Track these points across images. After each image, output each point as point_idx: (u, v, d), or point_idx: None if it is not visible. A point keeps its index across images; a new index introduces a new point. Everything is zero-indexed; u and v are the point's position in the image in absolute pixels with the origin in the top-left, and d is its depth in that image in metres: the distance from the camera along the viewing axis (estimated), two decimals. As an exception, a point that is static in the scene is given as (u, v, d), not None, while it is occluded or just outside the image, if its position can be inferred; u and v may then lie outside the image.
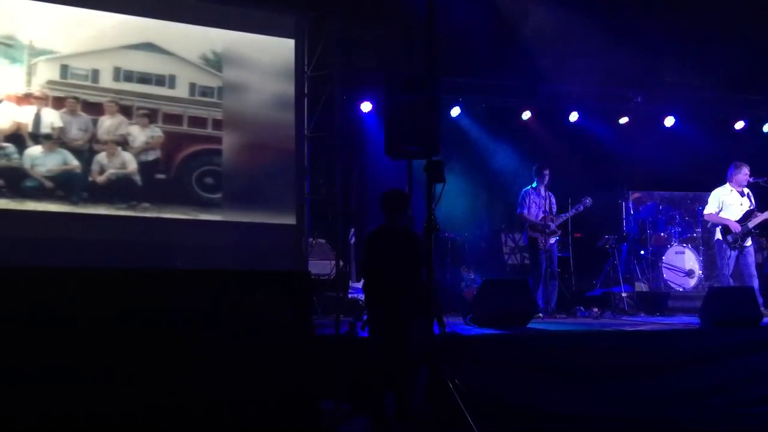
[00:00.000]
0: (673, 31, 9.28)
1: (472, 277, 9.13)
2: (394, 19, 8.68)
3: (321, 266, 7.88)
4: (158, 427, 3.40)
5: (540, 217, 8.04)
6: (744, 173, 7.57)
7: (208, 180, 7.58)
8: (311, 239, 8.17)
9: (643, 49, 9.33)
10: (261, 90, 7.91)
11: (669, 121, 10.53)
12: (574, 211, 8.19)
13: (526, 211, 8.08)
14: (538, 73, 9.20)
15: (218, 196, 7.61)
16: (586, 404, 5.41)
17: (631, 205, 9.81)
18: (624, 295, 8.56)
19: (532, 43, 8.78)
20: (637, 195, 9.98)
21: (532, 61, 8.92)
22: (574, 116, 10.26)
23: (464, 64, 8.99)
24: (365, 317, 5.43)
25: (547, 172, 8.13)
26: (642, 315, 8.17)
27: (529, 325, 6.37)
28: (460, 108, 9.84)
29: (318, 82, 8.27)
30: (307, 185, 8.11)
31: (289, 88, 8.01)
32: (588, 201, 8.19)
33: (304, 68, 8.16)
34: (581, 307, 8.29)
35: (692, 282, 9.19)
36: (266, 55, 7.92)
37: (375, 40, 8.71)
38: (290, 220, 7.84)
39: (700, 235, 9.61)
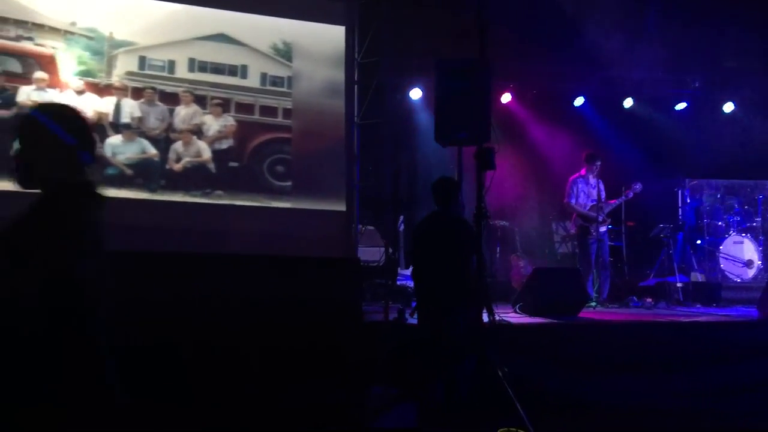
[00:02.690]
0: (732, 15, 8.97)
1: (522, 265, 9.05)
2: (444, 4, 8.61)
3: (370, 253, 7.91)
4: (207, 405, 3.50)
5: (588, 206, 7.90)
6: None
7: (279, 168, 7.72)
8: (361, 226, 8.21)
9: (701, 34, 9.05)
10: (314, 78, 7.99)
11: (728, 107, 10.22)
12: (623, 197, 8.04)
13: (573, 200, 7.96)
14: (592, 58, 9.01)
15: (288, 184, 7.75)
16: (637, 396, 5.31)
17: (687, 193, 9.57)
18: (679, 285, 8.37)
19: (587, 27, 8.60)
20: (694, 183, 9.72)
21: (586, 46, 8.74)
22: (628, 102, 10.06)
23: (516, 50, 8.86)
24: (414, 304, 5.44)
25: (599, 162, 7.99)
26: (698, 306, 7.99)
27: (580, 315, 6.29)
28: (511, 94, 9.73)
29: (368, 69, 8.27)
30: (357, 172, 8.14)
31: (339, 75, 8.05)
32: (637, 187, 8.02)
33: (355, 55, 8.17)
34: (634, 297, 8.15)
35: (751, 272, 8.93)
36: (319, 43, 8.00)
37: (425, 26, 8.65)
38: (340, 206, 7.90)
39: (759, 224, 9.32)
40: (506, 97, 9.72)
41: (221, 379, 3.53)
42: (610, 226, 8.13)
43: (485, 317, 4.68)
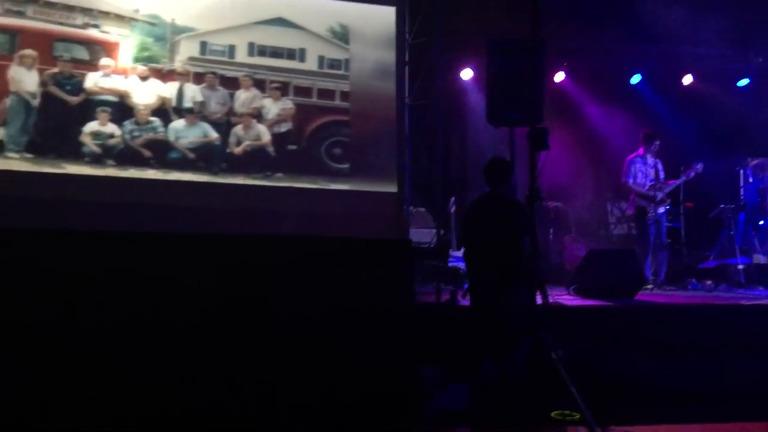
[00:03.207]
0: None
1: (576, 247, 8.92)
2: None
3: (422, 234, 7.91)
4: (264, 387, 3.56)
5: (647, 186, 7.72)
6: None
7: (336, 150, 7.79)
8: (412, 207, 8.21)
9: (764, 6, 8.69)
10: (369, 60, 8.02)
11: (794, 83, 9.83)
12: (684, 177, 7.83)
13: (631, 180, 7.79)
14: (649, 33, 8.75)
15: (345, 166, 7.82)
16: (695, 380, 5.20)
17: (750, 172, 9.24)
18: (740, 267, 8.13)
19: (643, 1, 8.35)
20: (756, 161, 9.38)
21: (643, 21, 8.49)
22: (688, 79, 9.76)
23: (570, 27, 8.66)
24: (466, 285, 5.42)
25: (657, 141, 7.79)
26: (760, 288, 7.75)
27: (637, 298, 6.17)
28: (565, 73, 9.55)
29: (418, 49, 8.21)
30: (408, 154, 8.12)
31: (390, 56, 8.03)
32: (699, 166, 7.80)
33: (405, 36, 8.12)
34: (693, 280, 7.97)
35: (817, 254, 8.61)
36: (374, 25, 8.00)
37: (476, 5, 8.53)
38: (392, 188, 7.91)
39: (826, 204, 8.96)
40: (560, 76, 9.54)
41: (275, 358, 3.59)
42: (668, 207, 7.93)
43: (539, 299, 4.63)
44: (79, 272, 3.38)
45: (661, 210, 7.78)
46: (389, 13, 8.12)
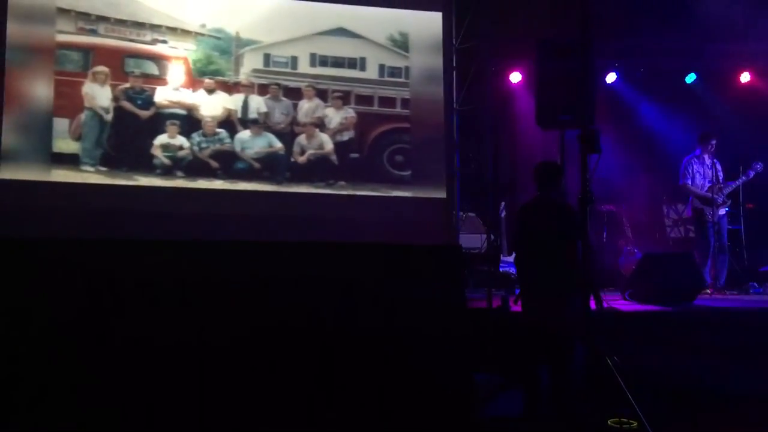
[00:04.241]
0: None
1: (631, 250, 8.74)
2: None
3: (472, 240, 7.86)
4: (313, 395, 3.60)
5: (706, 188, 7.53)
6: None
7: (398, 158, 7.85)
8: (462, 213, 8.16)
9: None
10: (428, 67, 8.08)
11: None
12: (744, 178, 7.61)
13: (689, 182, 7.60)
14: (704, 31, 8.53)
15: (407, 173, 7.87)
16: (756, 386, 5.03)
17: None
18: (804, 270, 7.85)
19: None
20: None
21: (696, 18, 8.29)
22: (745, 77, 9.47)
23: (621, 26, 8.50)
24: (517, 291, 5.36)
25: (714, 140, 7.59)
26: (825, 293, 7.47)
27: (696, 302, 6.01)
28: (617, 74, 9.38)
29: (466, 54, 8.18)
30: (456, 159, 8.09)
31: (437, 62, 8.03)
32: (759, 166, 7.57)
33: (452, 41, 8.10)
34: (755, 283, 7.73)
35: None
36: (431, 31, 8.04)
37: (523, 7, 8.46)
38: (441, 194, 7.89)
39: None
40: (611, 77, 9.37)
41: (331, 361, 3.62)
42: (728, 209, 7.71)
43: (593, 305, 4.54)
44: (156, 280, 3.53)
45: (721, 212, 7.57)
46: (436, 18, 8.11)
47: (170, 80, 7.26)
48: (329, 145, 7.66)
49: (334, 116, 7.71)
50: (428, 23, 8.04)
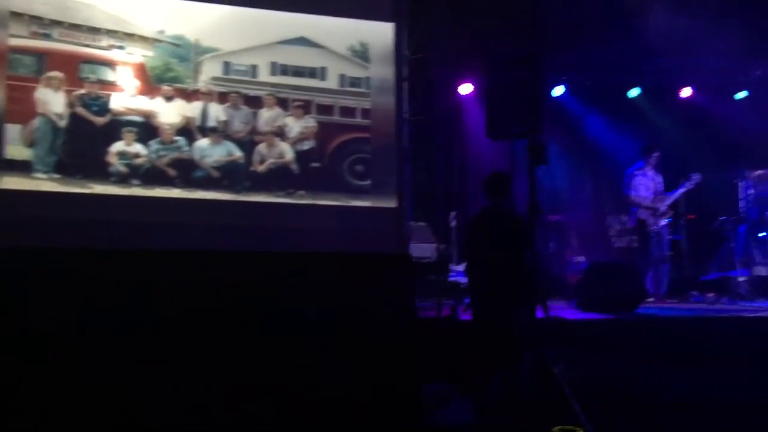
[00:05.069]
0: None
1: (578, 260, 8.92)
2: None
3: (422, 249, 7.90)
4: (264, 402, 3.57)
5: (649, 199, 7.73)
6: None
7: (359, 167, 7.84)
8: (412, 222, 8.21)
9: (762, 19, 8.73)
10: (384, 77, 8.09)
11: (792, 95, 9.84)
12: (683, 188, 7.85)
13: (633, 193, 7.80)
14: (648, 47, 8.80)
15: (367, 182, 7.85)
16: (698, 392, 5.18)
17: (749, 185, 9.25)
18: (741, 279, 8.13)
19: (642, 15, 8.39)
20: (756, 174, 9.39)
21: (641, 34, 8.53)
22: (686, 92, 9.79)
23: (569, 41, 8.71)
24: (467, 300, 5.41)
25: (656, 153, 7.81)
26: (761, 301, 7.74)
27: (638, 311, 6.16)
28: (565, 87, 9.58)
29: (419, 65, 8.25)
30: (408, 169, 8.14)
31: (387, 72, 8.08)
32: (696, 177, 7.82)
33: (404, 51, 8.16)
34: (695, 292, 7.96)
35: (818, 266, 8.60)
36: (379, 41, 8.07)
37: (476, 20, 8.58)
38: (391, 203, 7.92)
39: (826, 215, 8.96)
40: (559, 90, 9.57)
41: (273, 373, 3.60)
42: (669, 219, 7.94)
43: (540, 313, 4.62)
44: (105, 290, 3.48)
45: (663, 222, 7.79)
46: (387, 28, 8.17)
47: (127, 87, 7.11)
48: (289, 155, 7.62)
49: (295, 125, 7.68)
50: (388, 34, 8.10)
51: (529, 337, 4.33)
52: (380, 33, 8.03)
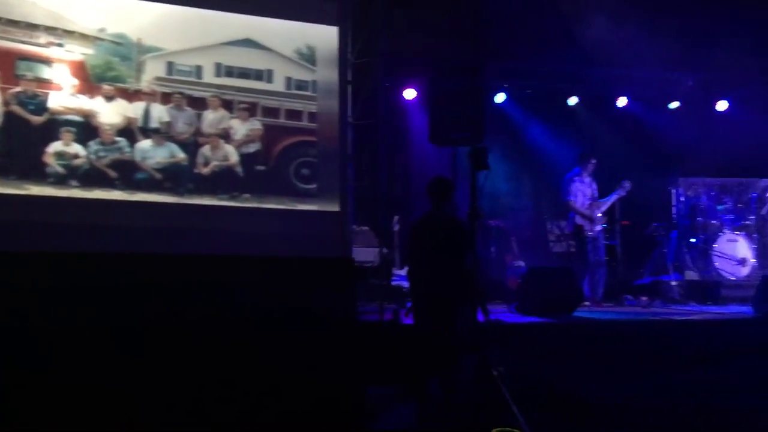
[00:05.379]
0: (725, 12, 9.00)
1: (517, 265, 9.07)
2: (438, 4, 8.61)
3: (365, 253, 7.91)
4: (203, 408, 3.53)
5: (586, 205, 7.93)
6: None
7: (305, 171, 7.79)
8: (355, 226, 8.21)
9: (694, 32, 9.07)
10: (330, 80, 8.08)
11: (722, 106, 10.24)
12: (616, 195, 8.07)
13: (573, 199, 7.98)
14: (585, 57, 9.04)
15: (313, 186, 7.82)
16: (632, 394, 5.34)
17: (681, 192, 9.59)
18: (674, 283, 8.41)
19: (580, 26, 8.62)
20: (687, 181, 9.75)
21: (579, 45, 8.76)
22: (622, 101, 10.08)
23: (510, 50, 8.87)
24: (409, 304, 5.44)
25: (593, 160, 8.01)
26: (692, 304, 8.02)
27: (575, 314, 6.31)
28: (506, 94, 9.74)
29: (362, 69, 8.27)
30: (351, 172, 8.15)
31: (333, 75, 8.07)
32: (627, 184, 8.05)
33: (348, 55, 8.17)
34: (629, 296, 8.18)
35: (745, 271, 8.97)
36: (325, 44, 8.05)
37: (419, 26, 8.66)
38: (334, 207, 7.91)
39: (753, 222, 9.36)
40: (501, 97, 9.73)
41: (212, 378, 3.55)
42: (605, 225, 8.15)
43: (480, 317, 4.68)
44: (41, 293, 3.37)
45: (598, 228, 7.99)
46: (332, 31, 8.16)
47: (66, 85, 6.90)
48: (234, 157, 7.54)
49: (240, 128, 7.59)
50: (334, 38, 8.08)
51: (470, 341, 4.38)
52: (327, 36, 8.02)
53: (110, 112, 7.07)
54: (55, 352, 3.35)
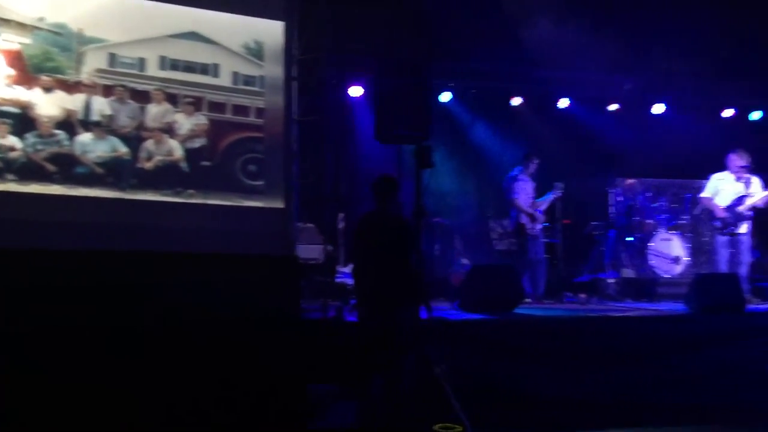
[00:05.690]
0: (662, 18, 9.27)
1: (461, 262, 9.15)
2: (384, 1, 8.62)
3: (309, 250, 7.87)
4: (145, 408, 3.45)
5: (529, 204, 8.07)
6: (739, 160, 7.58)
7: (251, 167, 7.70)
8: (300, 223, 8.16)
9: (633, 35, 9.32)
10: (278, 76, 8.00)
11: (658, 108, 10.55)
12: (551, 195, 8.22)
13: (517, 197, 8.10)
14: (529, 58, 9.18)
15: (261, 183, 7.73)
16: (572, 389, 5.45)
17: (619, 192, 9.84)
18: (611, 281, 8.62)
19: (524, 27, 8.75)
20: (625, 182, 10.00)
21: (523, 46, 8.89)
22: (564, 102, 10.27)
23: (455, 49, 8.95)
24: (353, 301, 5.44)
25: (536, 160, 8.14)
26: (628, 301, 8.24)
27: (516, 311, 6.40)
28: (452, 93, 9.81)
29: (307, 65, 8.21)
30: (296, 169, 8.09)
31: (280, 71, 8.00)
32: (560, 186, 8.22)
33: (293, 51, 8.10)
34: (569, 293, 8.35)
35: (679, 268, 9.25)
36: (274, 40, 7.96)
37: (366, 24, 8.65)
38: (279, 204, 7.85)
39: (687, 221, 9.67)
40: (446, 96, 9.79)
41: (152, 375, 3.49)
42: (546, 224, 8.30)
43: (423, 314, 4.71)
44: None
45: (539, 227, 8.13)
46: (277, 27, 8.08)
47: (1, 75, 6.67)
48: (179, 152, 7.41)
49: (185, 122, 7.46)
50: (281, 33, 8.00)
51: (413, 338, 4.41)
52: (274, 31, 7.96)
53: (49, 104, 6.86)
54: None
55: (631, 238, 9.46)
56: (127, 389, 3.44)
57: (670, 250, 9.27)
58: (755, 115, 10.88)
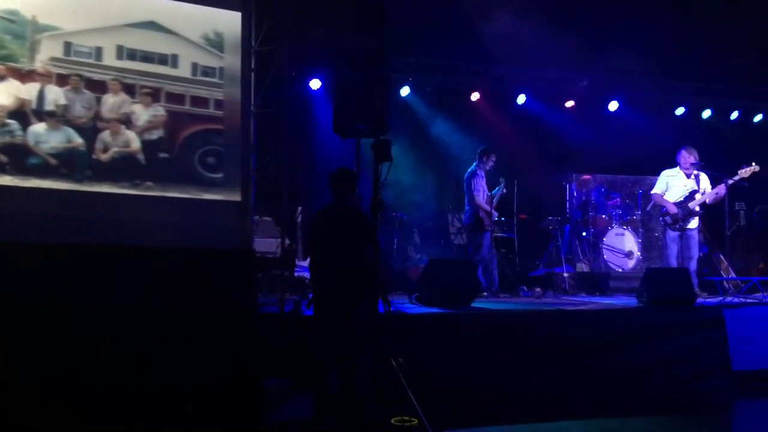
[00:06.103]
0: (618, 17, 9.43)
1: (419, 256, 9.19)
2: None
3: (267, 244, 7.82)
4: (100, 399, 3.41)
5: (486, 199, 8.13)
6: (689, 156, 7.75)
7: (210, 159, 7.60)
8: (257, 217, 8.10)
9: (589, 34, 9.45)
10: (237, 67, 7.90)
11: (613, 106, 10.74)
12: (498, 192, 8.31)
13: (476, 193, 8.14)
14: (487, 54, 9.25)
15: (220, 175, 7.63)
16: (528, 382, 5.54)
17: (574, 188, 10.00)
18: (566, 275, 8.76)
19: (482, 24, 8.81)
20: (580, 178, 10.17)
21: (482, 42, 8.95)
22: (521, 98, 10.37)
23: (415, 44, 8.97)
24: (311, 296, 5.42)
25: (493, 156, 8.20)
26: (582, 295, 8.38)
27: (473, 305, 6.46)
28: (410, 88, 9.83)
29: (265, 57, 8.14)
30: (253, 162, 8.02)
31: (237, 63, 7.91)
32: (502, 182, 8.31)
33: (251, 42, 8.02)
34: (524, 287, 8.44)
35: (631, 263, 9.45)
36: (234, 31, 7.85)
37: (325, 16, 8.60)
38: (236, 197, 7.77)
39: (639, 217, 9.88)
40: (405, 90, 9.81)
41: (110, 370, 3.43)
42: (502, 219, 8.37)
43: (381, 308, 4.72)
44: None
45: (494, 220, 8.20)
46: (235, 17, 7.98)
47: None
48: (136, 143, 7.29)
49: (142, 113, 7.34)
50: (221, 20, 7.89)
51: (370, 332, 4.41)
52: (234, 22, 7.87)
53: (0, 93, 6.70)
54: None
55: (586, 233, 9.62)
56: (81, 382, 3.39)
57: (623, 245, 9.46)
58: (706, 114, 11.16)
